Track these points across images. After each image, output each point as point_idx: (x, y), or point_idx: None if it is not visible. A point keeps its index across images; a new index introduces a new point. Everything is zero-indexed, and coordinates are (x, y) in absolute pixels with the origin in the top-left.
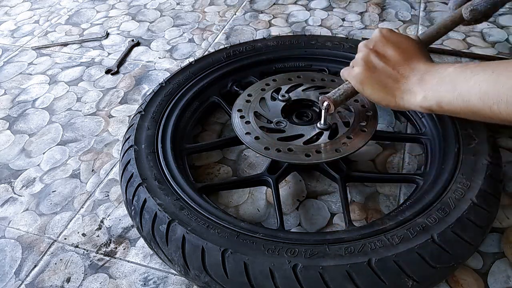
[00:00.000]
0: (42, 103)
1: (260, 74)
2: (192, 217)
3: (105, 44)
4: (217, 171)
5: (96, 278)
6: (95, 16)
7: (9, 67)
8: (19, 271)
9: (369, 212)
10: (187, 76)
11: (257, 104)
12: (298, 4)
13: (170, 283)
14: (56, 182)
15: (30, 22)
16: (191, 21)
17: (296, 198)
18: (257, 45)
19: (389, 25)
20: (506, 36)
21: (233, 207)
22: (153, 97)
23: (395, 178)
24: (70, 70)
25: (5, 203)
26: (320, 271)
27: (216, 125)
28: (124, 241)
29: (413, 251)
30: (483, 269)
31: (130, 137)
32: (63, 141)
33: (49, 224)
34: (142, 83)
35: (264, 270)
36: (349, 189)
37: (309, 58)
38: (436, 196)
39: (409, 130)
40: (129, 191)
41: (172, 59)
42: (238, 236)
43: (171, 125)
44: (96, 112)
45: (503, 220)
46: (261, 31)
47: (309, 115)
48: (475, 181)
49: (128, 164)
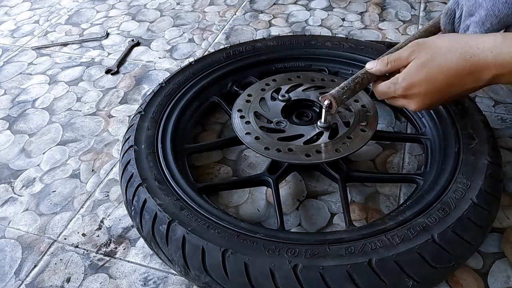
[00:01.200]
0: (42, 103)
1: (260, 74)
2: (192, 217)
3: (105, 44)
4: (217, 171)
5: (96, 278)
6: (95, 16)
7: (9, 67)
8: (19, 271)
9: (369, 212)
10: (187, 76)
11: (257, 104)
12: (298, 4)
13: (170, 283)
14: (56, 182)
15: (30, 22)
16: (191, 21)
17: (296, 198)
18: (257, 45)
19: (389, 25)
20: None
21: (233, 207)
22: (153, 97)
23: (395, 178)
24: (70, 70)
25: (5, 203)
26: (321, 271)
27: (216, 125)
28: (124, 241)
29: (414, 251)
30: (483, 269)
31: (130, 137)
32: (63, 141)
33: (49, 224)
34: (142, 83)
35: (264, 270)
36: (349, 189)
37: (309, 58)
38: (437, 196)
39: (409, 130)
40: (129, 192)
41: (172, 59)
42: (238, 236)
43: (171, 125)
44: (96, 112)
45: (503, 220)
46: (261, 31)
47: (309, 115)
48: (475, 181)
49: (128, 164)
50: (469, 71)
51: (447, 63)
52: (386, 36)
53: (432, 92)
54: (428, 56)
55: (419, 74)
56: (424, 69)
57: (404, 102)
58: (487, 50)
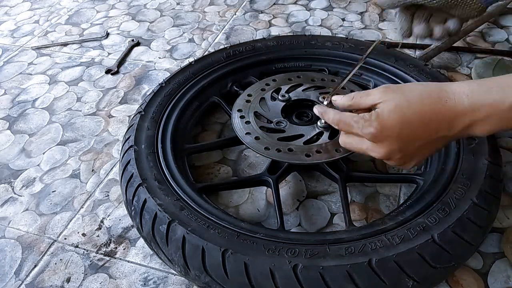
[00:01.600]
0: (42, 103)
1: (260, 74)
2: (192, 217)
3: (105, 44)
4: (217, 171)
5: (96, 278)
6: (95, 16)
7: (9, 67)
8: (19, 271)
9: (369, 212)
10: (187, 76)
11: (257, 104)
12: (298, 4)
13: (170, 283)
14: (56, 182)
15: (30, 22)
16: (191, 21)
17: (296, 198)
18: (257, 45)
19: (389, 25)
20: (506, 36)
21: (233, 207)
22: (153, 97)
23: (395, 178)
24: (70, 70)
25: (5, 203)
26: (321, 271)
27: (216, 125)
28: (124, 241)
29: (414, 251)
30: (483, 269)
31: (130, 137)
32: (63, 141)
33: (49, 224)
34: (142, 83)
35: (264, 271)
36: (349, 189)
37: (309, 58)
38: (437, 196)
39: None
40: (129, 192)
41: (172, 59)
42: (238, 236)
43: (171, 125)
44: (96, 112)
45: (503, 220)
46: (261, 31)
47: (309, 115)
48: (476, 181)
49: (128, 164)
50: (444, 116)
51: (423, 106)
52: (386, 36)
53: (403, 138)
54: (402, 98)
55: (393, 115)
56: (399, 111)
57: (368, 145)
58: (463, 94)
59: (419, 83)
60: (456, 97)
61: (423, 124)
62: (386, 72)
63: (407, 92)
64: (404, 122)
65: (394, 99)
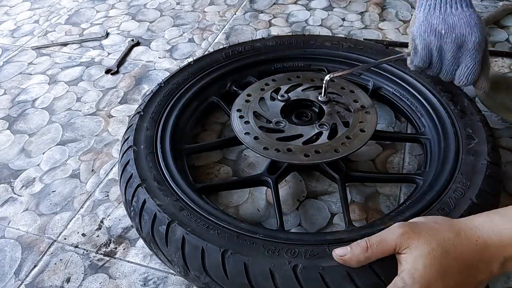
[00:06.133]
0: (42, 103)
1: (259, 74)
2: (191, 217)
3: (105, 44)
4: (217, 171)
5: (96, 278)
6: (95, 16)
7: (9, 67)
8: (18, 271)
9: (369, 212)
10: (186, 76)
11: (256, 104)
12: (298, 4)
13: (170, 283)
14: (56, 182)
15: (30, 22)
16: (191, 21)
17: (296, 198)
18: (256, 45)
19: (389, 25)
20: (506, 36)
21: (233, 207)
22: (152, 98)
23: (395, 178)
24: (70, 70)
25: (5, 203)
26: (321, 272)
27: (216, 125)
28: (124, 241)
29: None
30: None
31: (129, 138)
32: (63, 141)
33: (49, 224)
34: (142, 83)
35: (264, 271)
36: (349, 189)
37: (308, 58)
38: (436, 196)
39: (409, 130)
40: (128, 192)
41: (172, 59)
42: (238, 237)
43: (170, 126)
44: (96, 112)
45: None
46: (261, 31)
47: (308, 115)
48: (475, 181)
49: (127, 164)
50: (481, 257)
51: (457, 250)
52: (387, 36)
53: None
54: (432, 243)
55: (430, 267)
56: (434, 261)
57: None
58: (489, 230)
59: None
60: (484, 235)
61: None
62: (385, 72)
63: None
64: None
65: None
